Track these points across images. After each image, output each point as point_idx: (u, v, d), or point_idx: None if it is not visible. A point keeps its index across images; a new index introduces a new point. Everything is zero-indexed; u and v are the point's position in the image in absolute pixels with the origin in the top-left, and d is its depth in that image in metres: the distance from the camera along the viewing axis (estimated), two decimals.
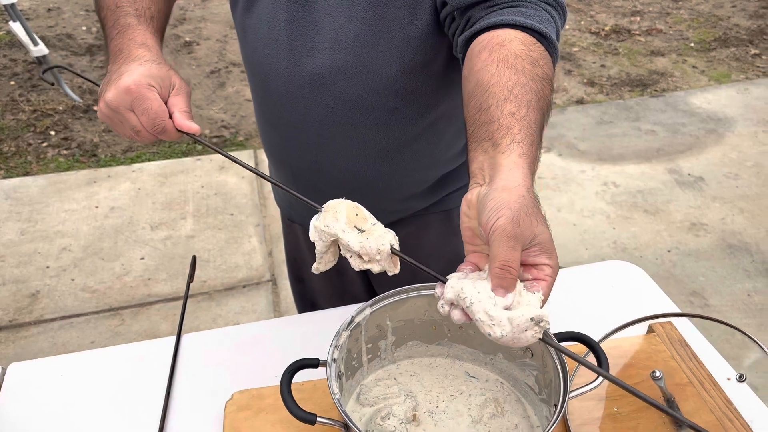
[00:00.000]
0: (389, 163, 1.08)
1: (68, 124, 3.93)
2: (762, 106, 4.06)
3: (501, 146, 0.69)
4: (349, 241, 0.69)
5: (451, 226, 1.20)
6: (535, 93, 0.74)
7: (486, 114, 0.73)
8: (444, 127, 1.09)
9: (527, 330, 0.61)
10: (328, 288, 1.40)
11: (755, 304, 2.58)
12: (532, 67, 0.77)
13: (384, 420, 0.83)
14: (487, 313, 0.61)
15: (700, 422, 0.88)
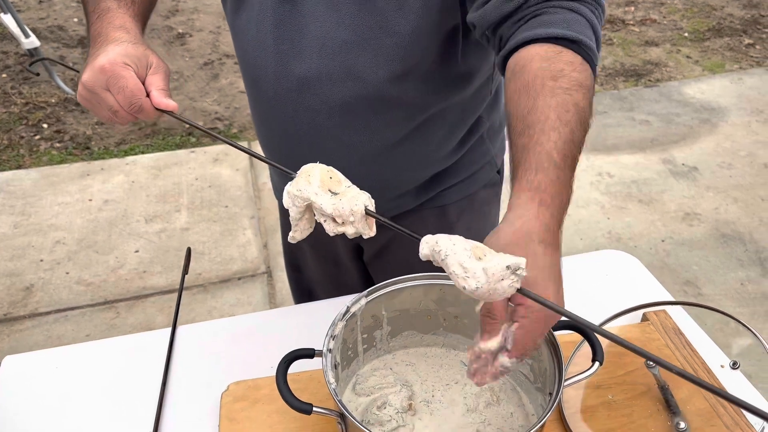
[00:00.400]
0: (379, 164, 1.08)
1: (61, 116, 3.91)
2: (755, 95, 4.06)
3: (514, 188, 0.70)
4: (322, 204, 0.67)
5: (446, 222, 1.20)
6: (554, 109, 0.72)
7: (510, 151, 0.75)
8: (435, 128, 1.08)
9: (503, 279, 0.58)
10: (324, 278, 1.40)
11: (748, 293, 2.60)
12: (554, 82, 0.74)
13: (380, 410, 0.83)
14: (462, 265, 0.60)
15: (693, 409, 0.89)
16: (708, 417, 0.88)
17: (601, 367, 0.79)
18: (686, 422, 0.84)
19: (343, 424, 0.75)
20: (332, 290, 1.42)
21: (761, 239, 2.88)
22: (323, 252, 1.34)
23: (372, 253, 1.28)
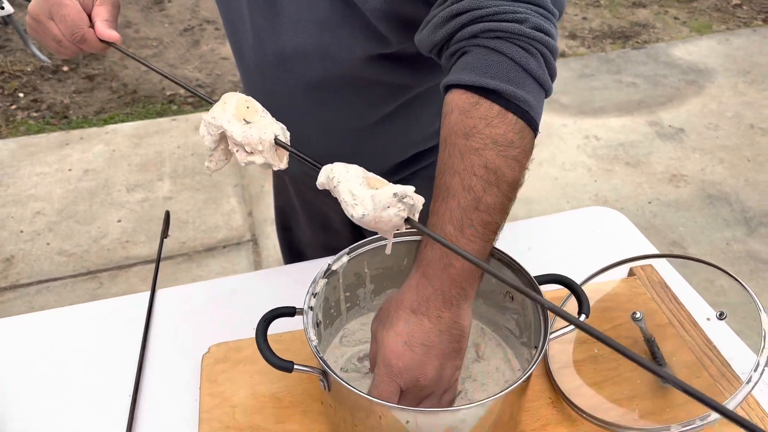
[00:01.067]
0: (358, 143, 1.05)
1: (37, 85, 3.81)
2: (742, 56, 4.04)
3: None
4: (233, 131, 0.65)
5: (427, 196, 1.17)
6: (459, 174, 0.69)
7: None
8: (418, 109, 1.05)
9: (389, 207, 0.58)
10: (314, 240, 1.38)
11: (733, 252, 2.61)
12: (465, 141, 0.70)
13: (361, 361, 0.82)
14: (352, 192, 0.59)
15: (679, 362, 0.88)
16: (694, 369, 0.87)
17: (587, 319, 0.77)
18: (672, 373, 0.84)
19: (325, 381, 0.73)
20: (322, 252, 1.40)
21: (747, 199, 2.89)
22: (314, 215, 1.32)
23: None
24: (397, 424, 0.69)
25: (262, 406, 0.85)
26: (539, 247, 1.13)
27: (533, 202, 2.86)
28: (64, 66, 3.99)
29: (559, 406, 0.84)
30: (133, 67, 3.99)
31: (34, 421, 0.87)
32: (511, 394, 0.68)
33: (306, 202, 1.31)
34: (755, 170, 3.08)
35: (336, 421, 0.78)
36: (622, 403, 0.83)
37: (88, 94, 3.73)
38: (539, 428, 0.81)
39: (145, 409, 0.88)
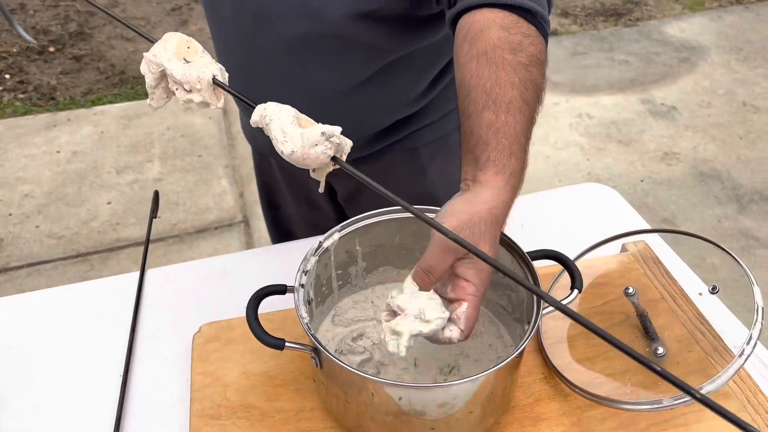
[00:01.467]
0: (341, 105, 1.03)
1: (23, 66, 3.76)
2: (735, 33, 4.03)
3: (479, 162, 0.70)
4: (172, 70, 0.66)
5: (418, 164, 1.16)
6: (518, 87, 0.71)
7: (468, 122, 0.72)
8: (403, 71, 1.03)
9: (317, 145, 0.61)
10: (300, 217, 1.37)
11: (725, 229, 2.62)
12: (514, 55, 0.72)
13: (355, 341, 0.81)
14: (283, 130, 0.61)
15: (671, 336, 0.88)
16: (686, 343, 0.87)
17: (579, 294, 0.77)
18: (665, 348, 0.84)
19: (317, 358, 0.73)
20: (309, 230, 1.39)
21: (738, 176, 2.90)
22: (298, 191, 1.30)
23: (345, 195, 1.24)
24: (390, 400, 0.68)
25: (253, 384, 0.84)
26: (532, 223, 1.12)
27: (526, 181, 2.84)
28: (50, 47, 3.92)
29: (552, 382, 0.84)
30: (120, 48, 3.93)
31: (25, 401, 0.86)
32: (503, 369, 0.68)
33: (290, 178, 1.30)
34: (747, 147, 3.08)
35: (328, 399, 0.78)
36: (614, 377, 0.83)
37: (75, 75, 3.68)
38: (532, 403, 0.81)
39: (136, 388, 0.87)
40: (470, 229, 0.65)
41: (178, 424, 0.82)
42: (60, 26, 4.12)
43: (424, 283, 0.67)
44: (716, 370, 0.81)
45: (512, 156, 0.70)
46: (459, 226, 0.64)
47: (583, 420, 0.79)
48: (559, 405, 0.81)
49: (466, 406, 0.70)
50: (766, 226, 2.63)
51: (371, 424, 0.73)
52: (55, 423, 0.84)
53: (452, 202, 0.68)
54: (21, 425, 0.83)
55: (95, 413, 0.84)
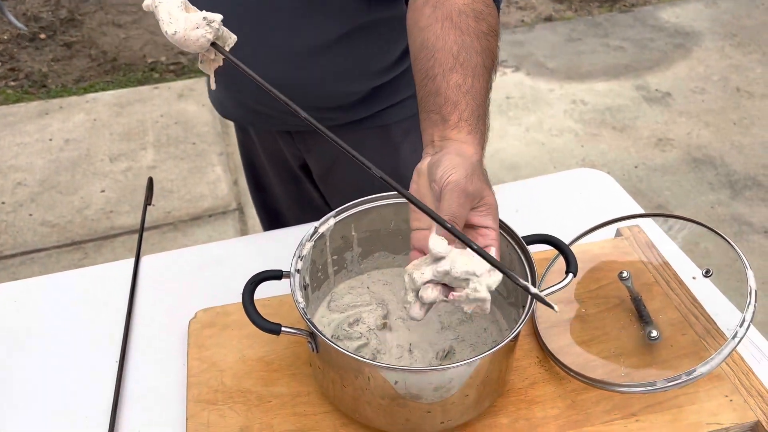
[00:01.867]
0: (302, 70, 1.03)
1: (14, 53, 3.72)
2: (729, 19, 4.02)
3: (449, 122, 0.70)
4: None
5: (390, 142, 1.15)
6: (481, 54, 0.72)
7: (433, 83, 0.72)
8: (363, 40, 1.02)
9: (198, 28, 0.64)
10: (287, 197, 1.37)
11: (718, 215, 2.64)
12: (477, 23, 0.73)
13: (351, 326, 0.81)
14: (169, 12, 0.64)
15: (665, 319, 0.89)
16: (680, 326, 0.88)
17: (574, 278, 0.77)
18: (658, 331, 0.84)
19: (313, 343, 0.73)
20: (297, 211, 1.39)
21: (732, 162, 2.91)
22: (281, 168, 1.31)
23: (319, 174, 1.24)
24: (386, 384, 0.69)
25: (250, 369, 0.85)
26: (527, 209, 1.13)
27: (520, 168, 2.85)
28: (41, 34, 3.88)
29: (547, 365, 0.85)
30: (112, 34, 3.90)
31: (21, 388, 0.86)
32: (498, 353, 0.68)
33: (271, 155, 1.30)
34: (741, 133, 3.09)
35: (325, 383, 0.78)
36: (608, 360, 0.84)
37: (67, 62, 3.64)
38: (527, 387, 0.82)
39: (132, 374, 0.88)
40: (478, 179, 0.66)
41: (175, 410, 0.82)
42: (51, 13, 4.08)
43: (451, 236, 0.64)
44: (709, 353, 0.82)
45: (480, 119, 0.71)
46: (468, 174, 0.64)
47: (578, 403, 0.80)
48: (553, 388, 0.81)
49: (461, 389, 0.70)
50: (760, 211, 2.64)
51: (367, 407, 0.73)
52: (51, 410, 0.84)
53: (444, 158, 0.67)
54: (17, 412, 0.84)
55: (92, 399, 0.84)
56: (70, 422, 0.82)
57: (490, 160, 2.91)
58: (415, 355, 0.81)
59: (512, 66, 3.59)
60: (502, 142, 3.01)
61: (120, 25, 3.99)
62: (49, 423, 0.82)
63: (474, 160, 0.67)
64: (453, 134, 0.69)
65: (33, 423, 0.82)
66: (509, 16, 4.12)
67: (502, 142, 3.01)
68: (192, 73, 3.55)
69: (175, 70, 3.60)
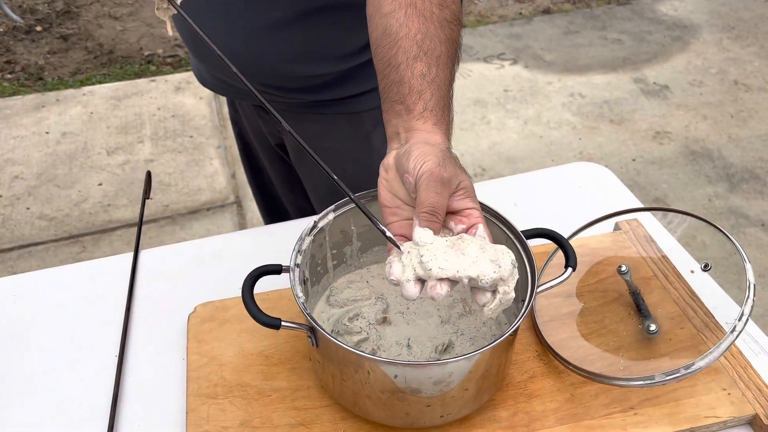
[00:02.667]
0: (262, 46, 1.02)
1: (10, 46, 3.70)
2: (727, 12, 4.02)
3: (414, 112, 0.69)
4: None
5: (362, 131, 1.15)
6: (445, 43, 0.72)
7: (396, 72, 0.71)
8: (326, 22, 1.01)
9: None
10: (278, 177, 1.38)
11: (715, 208, 2.64)
12: (440, 11, 0.72)
13: (351, 321, 0.82)
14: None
15: (664, 313, 0.89)
16: (678, 320, 0.88)
17: (573, 273, 0.78)
18: (657, 325, 0.85)
19: (313, 337, 0.73)
20: (287, 192, 1.39)
21: (729, 155, 2.91)
22: (266, 147, 1.32)
23: (294, 155, 1.25)
24: (386, 378, 0.69)
25: (250, 364, 0.85)
26: (526, 202, 1.13)
27: (518, 161, 2.85)
28: (37, 26, 3.86)
29: (546, 359, 0.85)
30: (108, 27, 3.88)
31: (20, 383, 0.86)
32: (498, 347, 0.69)
33: (256, 133, 1.31)
34: (738, 126, 3.09)
35: (324, 377, 0.78)
36: (607, 354, 0.84)
37: (63, 55, 3.63)
38: (526, 380, 0.82)
39: (132, 369, 0.88)
40: (451, 164, 0.65)
41: (175, 404, 0.83)
42: (47, 5, 4.06)
43: (435, 225, 0.64)
44: (708, 347, 0.82)
45: (445, 110, 0.70)
46: (441, 161, 0.64)
47: (577, 396, 0.80)
48: (552, 382, 0.82)
49: (461, 383, 0.71)
50: (757, 204, 2.65)
51: (367, 401, 0.74)
52: (51, 404, 0.84)
53: (413, 149, 0.66)
54: (17, 407, 0.84)
55: (91, 394, 0.85)
56: (69, 417, 0.82)
57: (488, 153, 2.91)
58: (413, 350, 0.81)
59: (510, 59, 3.58)
60: (500, 135, 3.01)
61: (116, 17, 3.97)
62: (49, 417, 0.82)
63: (443, 148, 0.67)
64: (418, 124, 0.68)
65: (33, 417, 0.82)
66: (507, 8, 4.11)
67: (500, 135, 3.01)
68: (189, 66, 3.53)
69: (172, 62, 3.59)
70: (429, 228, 0.63)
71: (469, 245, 0.63)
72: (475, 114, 3.14)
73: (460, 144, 2.94)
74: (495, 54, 3.62)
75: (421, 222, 0.63)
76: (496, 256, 0.62)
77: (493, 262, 0.62)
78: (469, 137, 3.00)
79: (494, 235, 0.82)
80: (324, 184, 1.23)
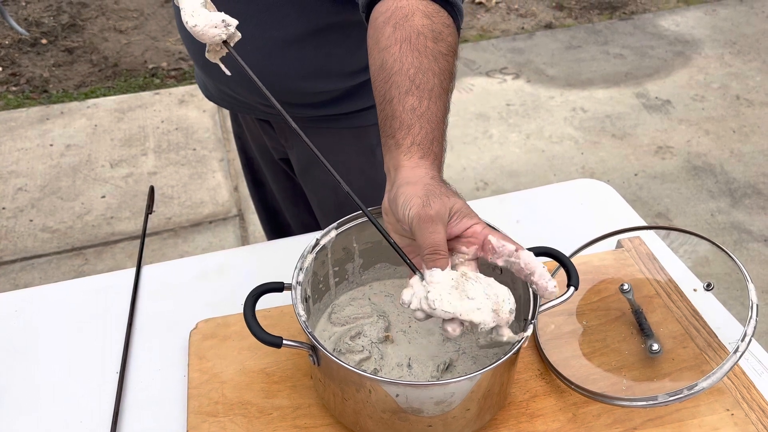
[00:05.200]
0: (272, 63, 1.04)
1: (15, 58, 3.72)
2: (729, 27, 4.03)
3: (402, 147, 0.70)
4: None
5: (366, 143, 1.16)
6: (438, 75, 0.73)
7: (390, 107, 0.73)
8: (333, 40, 1.03)
9: (216, 27, 0.69)
10: (282, 191, 1.39)
11: (718, 223, 2.64)
12: (435, 44, 0.74)
13: (353, 339, 0.81)
14: (193, 8, 0.69)
15: (666, 332, 0.89)
16: (681, 339, 0.88)
17: (576, 291, 0.77)
18: (659, 344, 0.84)
19: (315, 356, 0.73)
20: (290, 206, 1.40)
21: (731, 170, 2.91)
22: (270, 161, 1.33)
23: (300, 168, 1.25)
24: (387, 398, 0.69)
25: (251, 381, 0.85)
26: (528, 219, 1.13)
27: (520, 175, 2.86)
28: (42, 39, 3.89)
29: (548, 378, 0.84)
30: (113, 40, 3.91)
31: (22, 398, 0.86)
32: (500, 367, 0.68)
33: (259, 147, 1.32)
34: (740, 141, 3.09)
35: (326, 396, 0.78)
36: (609, 373, 0.84)
37: (68, 68, 3.65)
38: (528, 399, 0.82)
39: (133, 385, 0.87)
40: (436, 197, 0.65)
41: (176, 421, 0.82)
42: (52, 18, 4.09)
43: (440, 262, 0.65)
44: (711, 366, 0.82)
45: (434, 141, 0.71)
46: (424, 199, 0.65)
47: (579, 416, 0.80)
48: (554, 401, 0.81)
49: (463, 403, 0.70)
50: (759, 219, 2.65)
51: (369, 421, 0.73)
52: (51, 421, 0.84)
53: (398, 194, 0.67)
54: (17, 422, 0.83)
55: (92, 410, 0.84)
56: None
57: (490, 167, 2.91)
58: (414, 369, 0.81)
59: (512, 73, 3.60)
60: (502, 149, 3.01)
61: (121, 30, 3.99)
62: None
63: (425, 181, 0.67)
64: (404, 161, 0.70)
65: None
66: (509, 23, 4.13)
67: (502, 149, 3.02)
68: (193, 79, 3.55)
69: (176, 75, 3.61)
70: (436, 267, 0.65)
71: (473, 287, 0.65)
72: (477, 128, 3.15)
73: (462, 158, 2.95)
74: (497, 68, 3.64)
75: (428, 264, 0.65)
76: (498, 305, 0.65)
77: (495, 311, 0.64)
78: (471, 151, 3.01)
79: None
80: (329, 198, 1.24)
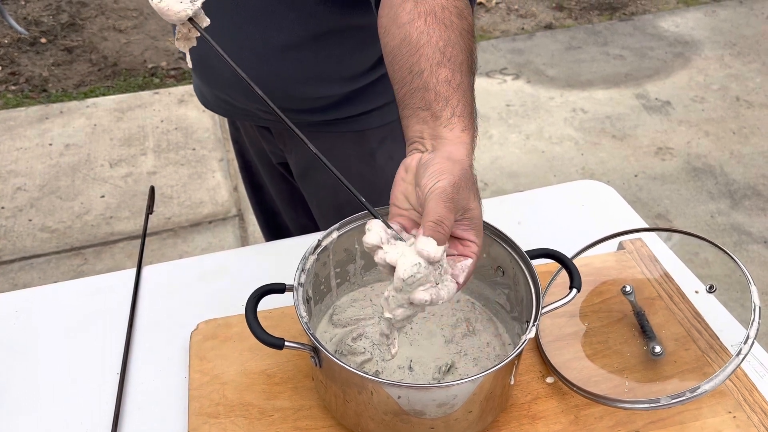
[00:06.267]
0: (271, 68, 1.03)
1: (14, 58, 3.72)
2: (729, 28, 4.04)
3: (442, 119, 0.67)
4: None
5: (366, 148, 1.15)
6: (465, 52, 0.71)
7: (419, 79, 0.69)
8: (337, 43, 1.02)
9: (182, 2, 0.66)
10: (280, 195, 1.38)
11: (718, 224, 2.64)
12: (459, 21, 0.72)
13: (355, 341, 0.81)
14: None
15: (668, 334, 0.89)
16: (683, 341, 0.88)
17: (578, 293, 0.77)
18: (661, 346, 0.84)
19: (316, 357, 0.72)
20: (289, 209, 1.39)
21: (731, 172, 2.91)
22: (269, 166, 1.33)
23: (299, 172, 1.25)
24: (389, 400, 0.68)
25: (252, 382, 0.84)
26: (529, 221, 1.13)
27: (520, 176, 2.85)
28: (42, 38, 3.88)
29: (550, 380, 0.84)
30: (113, 39, 3.90)
31: (22, 399, 0.86)
32: (502, 369, 0.68)
33: (258, 152, 1.32)
34: (740, 143, 3.09)
35: (327, 398, 0.78)
36: (611, 375, 0.83)
37: (67, 67, 3.64)
38: (530, 401, 0.82)
39: (133, 386, 0.87)
40: (465, 189, 0.63)
41: (176, 423, 0.82)
42: (52, 17, 4.08)
43: (439, 236, 0.61)
44: (713, 369, 0.82)
45: (472, 116, 0.69)
46: (456, 183, 0.62)
47: (581, 418, 0.79)
48: (556, 403, 0.81)
49: (465, 405, 0.70)
50: (759, 221, 2.65)
51: (370, 422, 0.73)
52: (51, 422, 0.83)
53: (433, 162, 0.64)
54: (17, 422, 0.83)
55: (92, 412, 0.84)
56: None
57: (490, 168, 2.91)
58: (415, 371, 0.81)
59: (512, 73, 3.60)
60: (502, 150, 3.01)
61: (121, 30, 3.99)
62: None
63: (465, 166, 0.65)
64: (445, 132, 0.67)
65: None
66: (509, 23, 4.13)
67: (502, 150, 3.01)
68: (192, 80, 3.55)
69: (175, 75, 3.60)
70: (433, 238, 0.61)
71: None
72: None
73: None
74: (497, 69, 3.64)
75: (426, 231, 0.61)
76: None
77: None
78: None
79: (498, 254, 0.82)
80: (328, 201, 1.23)
